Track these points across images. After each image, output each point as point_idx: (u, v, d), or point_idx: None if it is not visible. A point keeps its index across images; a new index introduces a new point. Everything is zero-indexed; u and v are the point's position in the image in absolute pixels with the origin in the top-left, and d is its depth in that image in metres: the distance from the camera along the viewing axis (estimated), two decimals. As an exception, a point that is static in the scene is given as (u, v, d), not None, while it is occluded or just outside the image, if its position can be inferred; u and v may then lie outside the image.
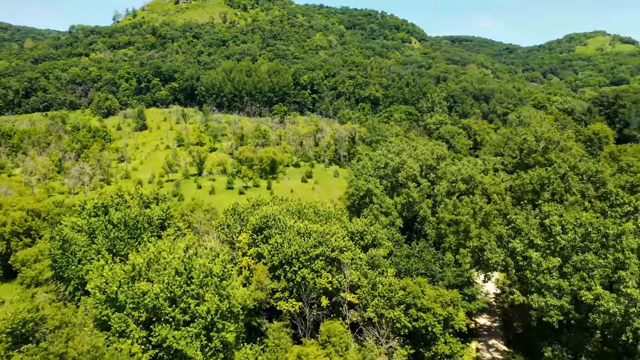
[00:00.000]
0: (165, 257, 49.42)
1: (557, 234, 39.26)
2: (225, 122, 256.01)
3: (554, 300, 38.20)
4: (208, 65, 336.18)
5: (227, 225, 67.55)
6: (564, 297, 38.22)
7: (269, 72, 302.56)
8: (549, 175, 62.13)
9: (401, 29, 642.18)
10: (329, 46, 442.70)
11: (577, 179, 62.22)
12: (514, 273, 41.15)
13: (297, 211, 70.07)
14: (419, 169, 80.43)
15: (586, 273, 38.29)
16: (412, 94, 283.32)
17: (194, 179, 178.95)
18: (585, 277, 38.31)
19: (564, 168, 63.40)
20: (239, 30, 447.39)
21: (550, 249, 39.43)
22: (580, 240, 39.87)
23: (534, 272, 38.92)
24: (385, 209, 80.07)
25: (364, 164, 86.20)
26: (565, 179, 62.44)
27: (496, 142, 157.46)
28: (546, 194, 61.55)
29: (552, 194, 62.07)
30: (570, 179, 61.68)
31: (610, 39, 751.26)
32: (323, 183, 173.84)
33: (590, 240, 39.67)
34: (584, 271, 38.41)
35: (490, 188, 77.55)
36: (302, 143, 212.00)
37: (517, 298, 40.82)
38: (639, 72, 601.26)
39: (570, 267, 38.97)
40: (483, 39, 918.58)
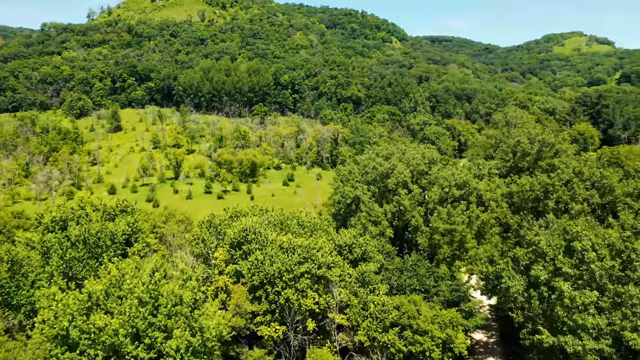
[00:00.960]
0: (129, 282, 42.88)
1: (590, 261, 33.91)
2: (204, 123, 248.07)
3: (591, 342, 32.64)
4: (186, 65, 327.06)
5: (201, 240, 61.10)
6: (603, 339, 32.80)
7: (248, 72, 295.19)
8: (554, 181, 57.25)
9: (382, 28, 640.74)
10: (309, 45, 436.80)
11: (583, 185, 57.57)
12: (537, 305, 35.90)
13: (279, 222, 63.98)
14: (410, 175, 75.05)
15: (629, 309, 33.03)
16: (395, 94, 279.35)
17: (170, 183, 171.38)
18: (629, 314, 33.03)
19: (567, 173, 58.68)
20: (218, 29, 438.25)
21: (583, 279, 34.06)
22: (619, 269, 34.54)
23: (567, 308, 33.29)
24: (375, 218, 74.47)
25: (351, 169, 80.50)
26: (570, 186, 57.73)
27: (482, 143, 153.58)
28: (550, 203, 56.73)
29: (556, 202, 57.28)
30: (575, 185, 56.99)
31: (587, 40, 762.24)
32: (305, 186, 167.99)
33: (633, 269, 34.26)
34: (625, 307, 33.14)
35: (486, 194, 72.61)
36: (284, 144, 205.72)
37: (546, 339, 34.92)
38: (615, 72, 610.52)
39: (607, 301, 33.57)
40: (462, 39, 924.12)
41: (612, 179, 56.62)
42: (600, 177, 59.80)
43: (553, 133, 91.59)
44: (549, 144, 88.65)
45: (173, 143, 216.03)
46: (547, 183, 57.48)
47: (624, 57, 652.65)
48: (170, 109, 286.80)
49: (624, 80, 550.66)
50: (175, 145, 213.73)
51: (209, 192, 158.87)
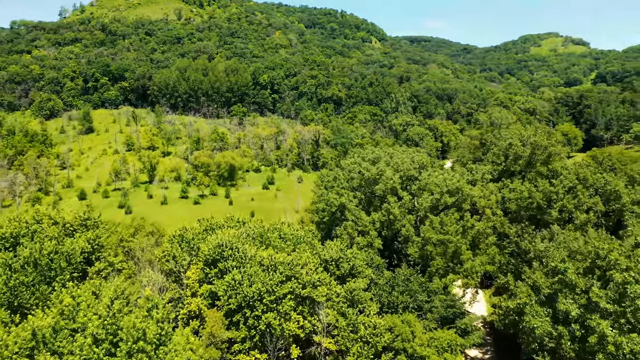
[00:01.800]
0: (83, 313, 36.78)
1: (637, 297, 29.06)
2: (180, 124, 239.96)
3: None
4: (161, 64, 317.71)
5: (172, 256, 54.96)
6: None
7: (226, 71, 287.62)
8: (558, 189, 52.87)
9: (361, 28, 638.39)
10: (289, 45, 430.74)
11: (587, 193, 53.40)
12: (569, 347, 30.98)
13: (259, 235, 58.24)
14: (399, 181, 70.09)
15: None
16: (376, 93, 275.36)
17: (144, 187, 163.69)
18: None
19: (570, 180, 54.43)
20: (195, 28, 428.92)
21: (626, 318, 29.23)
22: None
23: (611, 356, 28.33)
24: (362, 227, 69.32)
25: (336, 174, 75.18)
26: (574, 193, 53.45)
27: (467, 144, 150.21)
28: (554, 212, 52.35)
29: (559, 211, 52.96)
30: (580, 193, 52.74)
31: (563, 40, 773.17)
32: (286, 190, 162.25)
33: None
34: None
35: (480, 201, 68.07)
36: (263, 146, 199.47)
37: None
38: (591, 73, 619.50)
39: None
40: (441, 39, 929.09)
41: (619, 186, 52.55)
42: (605, 184, 55.69)
43: (545, 135, 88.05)
44: (541, 146, 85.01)
45: (148, 145, 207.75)
46: (551, 191, 53.02)
47: (599, 57, 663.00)
48: (145, 109, 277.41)
49: (600, 80, 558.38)
50: (150, 148, 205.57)
51: (185, 196, 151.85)
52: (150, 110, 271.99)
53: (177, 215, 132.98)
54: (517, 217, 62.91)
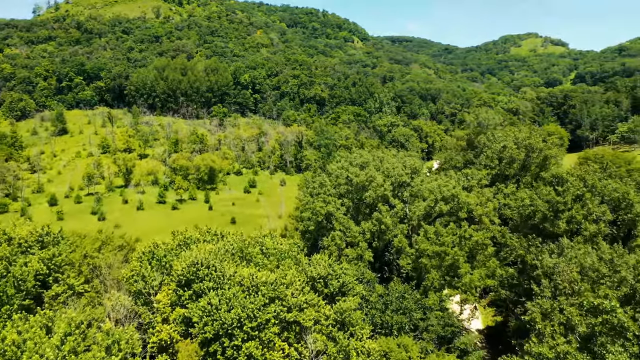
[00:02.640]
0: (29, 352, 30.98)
1: None
2: (158, 125, 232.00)
3: None
4: (139, 63, 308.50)
5: (141, 277, 49.09)
6: None
7: (206, 71, 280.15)
8: (567, 199, 48.54)
9: (343, 28, 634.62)
10: (270, 44, 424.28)
11: (597, 201, 49.22)
12: None
13: (239, 251, 52.73)
14: (390, 188, 65.26)
15: None
16: (359, 94, 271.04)
17: (119, 192, 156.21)
18: None
19: (577, 187, 50.20)
20: (174, 26, 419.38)
21: None
22: None
23: None
24: (351, 238, 64.40)
25: (322, 180, 70.02)
26: (583, 202, 49.23)
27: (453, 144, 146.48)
28: (562, 223, 48.04)
29: (567, 222, 48.68)
30: (589, 202, 48.52)
31: (542, 41, 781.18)
32: (269, 194, 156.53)
33: None
34: None
35: (477, 209, 63.59)
36: (244, 148, 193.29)
37: None
38: (571, 73, 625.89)
39: None
40: (422, 40, 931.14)
41: (630, 194, 48.49)
42: (612, 190, 51.62)
43: (541, 137, 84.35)
44: (536, 149, 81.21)
45: (124, 147, 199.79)
46: (558, 201, 48.66)
47: (577, 58, 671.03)
48: (122, 110, 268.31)
49: (579, 80, 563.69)
50: (127, 150, 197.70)
51: (163, 201, 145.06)
52: (127, 110, 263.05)
53: (154, 221, 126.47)
54: (518, 226, 58.48)
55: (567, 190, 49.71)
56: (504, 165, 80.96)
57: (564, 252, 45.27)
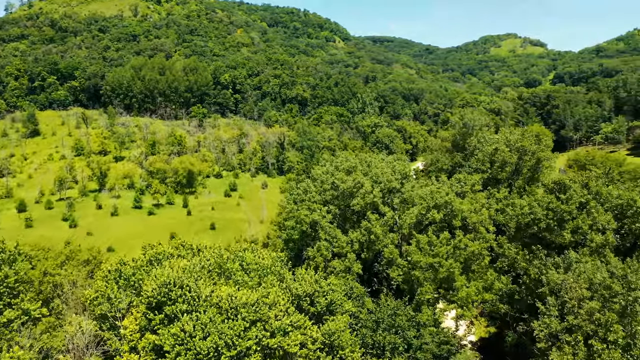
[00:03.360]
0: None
1: None
2: (135, 127, 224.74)
3: None
4: (115, 62, 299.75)
5: (107, 298, 44.05)
6: None
7: (185, 70, 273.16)
8: (571, 208, 45.03)
9: (325, 27, 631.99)
10: (251, 43, 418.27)
11: (603, 210, 45.85)
12: None
13: (216, 267, 47.98)
14: (380, 195, 61.16)
15: None
16: (342, 94, 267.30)
17: (93, 197, 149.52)
18: None
19: (581, 194, 46.77)
20: (152, 25, 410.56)
21: None
22: None
23: None
24: (338, 249, 60.06)
25: (306, 186, 65.58)
26: (588, 210, 45.81)
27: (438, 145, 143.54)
28: (567, 234, 44.52)
29: (572, 232, 45.20)
30: (594, 210, 45.11)
31: (521, 41, 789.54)
32: (250, 197, 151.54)
33: None
34: None
35: (472, 217, 59.94)
36: (225, 150, 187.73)
37: None
38: (549, 73, 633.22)
39: None
40: (403, 40, 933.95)
41: (638, 201, 45.23)
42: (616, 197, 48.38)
43: (534, 139, 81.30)
44: (529, 151, 78.10)
45: (99, 149, 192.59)
46: (564, 210, 45.12)
47: (556, 58, 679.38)
48: (97, 110, 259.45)
49: (558, 80, 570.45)
50: (102, 152, 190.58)
51: (139, 206, 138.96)
52: (102, 111, 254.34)
53: (129, 228, 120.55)
54: (515, 235, 54.95)
55: (571, 198, 46.22)
56: (496, 168, 77.67)
57: (571, 266, 41.72)
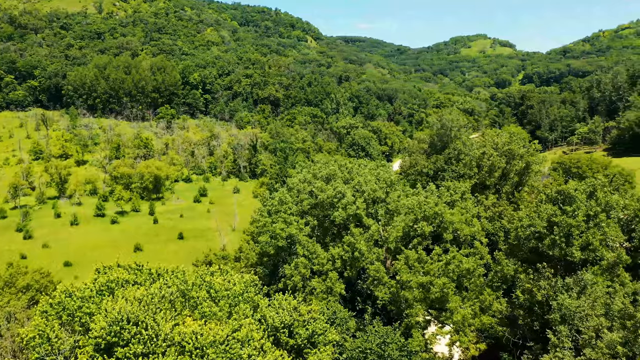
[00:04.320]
0: None
1: None
2: (99, 129, 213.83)
3: None
4: (78, 61, 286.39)
5: (46, 338, 36.95)
6: None
7: (152, 69, 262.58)
8: (579, 222, 40.31)
9: (296, 27, 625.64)
10: (221, 42, 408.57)
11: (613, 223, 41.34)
12: None
13: (179, 295, 41.37)
14: (363, 205, 55.56)
15: None
16: (315, 94, 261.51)
17: (52, 204, 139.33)
18: None
19: (586, 206, 42.20)
20: (118, 22, 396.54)
21: None
22: None
23: None
24: (318, 267, 54.30)
25: (282, 196, 59.45)
26: (596, 223, 41.23)
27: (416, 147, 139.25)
28: (576, 251, 39.78)
29: (582, 249, 40.53)
30: (604, 225, 40.56)
31: (491, 42, 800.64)
32: (221, 202, 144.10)
33: None
34: None
35: (463, 229, 54.86)
36: (194, 152, 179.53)
37: None
38: (519, 74, 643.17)
39: None
40: (375, 40, 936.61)
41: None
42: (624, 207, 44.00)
43: (522, 142, 77.30)
44: (517, 155, 73.96)
45: (59, 153, 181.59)
46: (571, 224, 40.34)
47: (525, 59, 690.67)
48: (59, 111, 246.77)
49: (527, 80, 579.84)
50: (63, 156, 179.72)
51: (102, 214, 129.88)
52: (64, 112, 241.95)
53: (89, 238, 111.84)
54: (512, 250, 50.13)
55: (578, 210, 41.55)
56: (484, 173, 73.22)
57: (585, 289, 36.91)
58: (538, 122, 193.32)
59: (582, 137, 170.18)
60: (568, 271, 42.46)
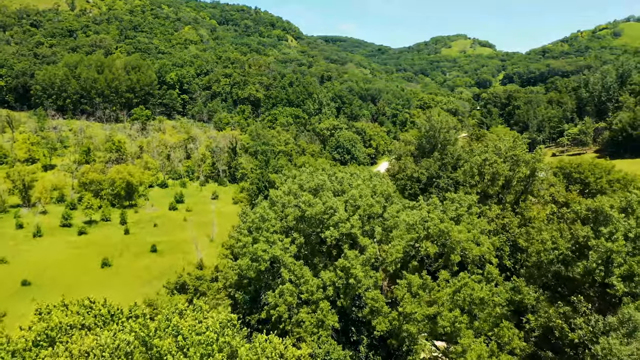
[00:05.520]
0: None
1: None
2: (70, 131, 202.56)
3: None
4: (48, 59, 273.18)
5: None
6: None
7: (126, 68, 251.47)
8: (619, 247, 33.80)
9: (277, 26, 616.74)
10: (200, 41, 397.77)
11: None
12: None
13: (139, 344, 33.57)
14: (359, 223, 48.30)
15: None
16: (297, 94, 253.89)
17: (14, 213, 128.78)
18: None
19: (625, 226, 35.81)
20: (91, 20, 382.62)
21: None
22: None
23: None
24: (306, 295, 46.90)
25: (263, 212, 51.84)
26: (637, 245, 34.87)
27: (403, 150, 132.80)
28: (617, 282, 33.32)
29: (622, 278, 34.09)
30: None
31: (471, 42, 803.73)
32: (199, 210, 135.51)
33: None
34: None
35: (472, 249, 48.05)
36: (170, 156, 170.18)
37: None
38: (499, 73, 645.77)
39: None
40: (356, 40, 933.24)
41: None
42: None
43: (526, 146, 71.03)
44: (522, 161, 67.67)
45: (26, 157, 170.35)
46: (611, 249, 33.77)
47: (505, 59, 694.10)
48: (27, 113, 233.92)
49: (508, 80, 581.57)
50: (29, 160, 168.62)
51: (68, 224, 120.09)
52: (32, 113, 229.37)
53: (53, 252, 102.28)
54: (532, 275, 43.45)
55: (616, 231, 35.08)
56: (486, 182, 66.70)
57: (636, 331, 30.29)
58: (526, 122, 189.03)
59: (572, 138, 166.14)
60: (604, 303, 35.90)
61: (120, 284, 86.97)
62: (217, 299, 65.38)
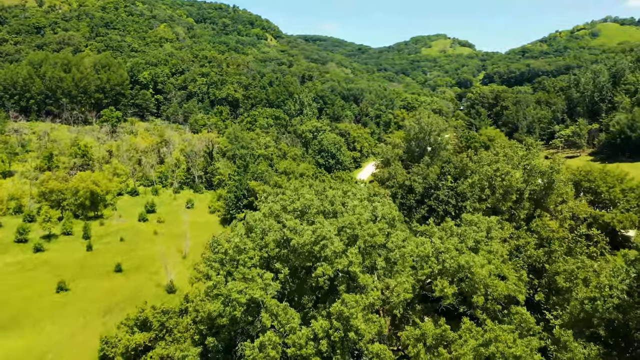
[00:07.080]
0: None
1: None
2: (33, 134, 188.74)
3: None
4: (11, 57, 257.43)
5: None
6: None
7: (96, 67, 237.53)
8: None
9: (255, 24, 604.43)
10: (175, 39, 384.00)
11: None
12: None
13: None
14: (359, 258, 38.81)
15: None
16: (277, 94, 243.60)
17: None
18: None
19: None
20: (60, 16, 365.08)
21: None
22: None
23: None
24: (293, 349, 37.38)
25: (239, 242, 42.08)
26: None
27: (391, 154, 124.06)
28: None
29: None
30: None
31: (451, 42, 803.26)
32: (172, 220, 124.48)
33: None
34: None
35: (497, 286, 39.16)
36: (141, 161, 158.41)
37: None
38: (480, 73, 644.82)
39: None
40: (336, 39, 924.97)
41: None
42: None
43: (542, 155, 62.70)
44: (538, 172, 59.27)
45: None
46: None
47: (485, 59, 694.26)
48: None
49: (488, 80, 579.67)
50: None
51: (24, 239, 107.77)
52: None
53: (3, 274, 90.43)
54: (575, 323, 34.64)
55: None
56: (498, 196, 58.04)
57: None
58: (515, 123, 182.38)
59: (565, 139, 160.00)
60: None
61: (77, 311, 76.02)
62: (184, 338, 55.40)
